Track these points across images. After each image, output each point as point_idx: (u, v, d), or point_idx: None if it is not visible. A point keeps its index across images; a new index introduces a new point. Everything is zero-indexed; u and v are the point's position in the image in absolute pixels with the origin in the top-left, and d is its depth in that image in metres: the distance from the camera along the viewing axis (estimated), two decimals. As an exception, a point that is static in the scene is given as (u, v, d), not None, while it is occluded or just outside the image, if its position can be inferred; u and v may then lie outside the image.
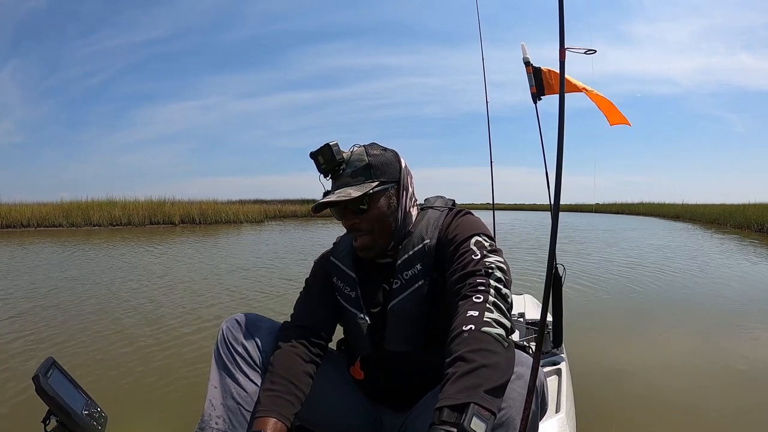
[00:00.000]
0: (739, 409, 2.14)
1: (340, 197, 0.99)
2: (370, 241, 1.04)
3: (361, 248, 1.05)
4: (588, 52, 0.95)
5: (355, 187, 1.00)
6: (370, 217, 1.02)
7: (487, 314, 0.81)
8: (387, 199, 1.04)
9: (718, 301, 4.50)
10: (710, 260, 7.30)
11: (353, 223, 1.03)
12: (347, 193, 0.99)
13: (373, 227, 1.03)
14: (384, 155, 1.05)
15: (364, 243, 1.04)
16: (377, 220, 1.03)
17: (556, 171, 0.85)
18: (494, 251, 0.94)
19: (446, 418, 0.69)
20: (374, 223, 1.03)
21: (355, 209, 1.02)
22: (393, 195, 1.05)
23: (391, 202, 1.04)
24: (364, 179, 1.02)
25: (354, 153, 1.03)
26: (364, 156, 1.03)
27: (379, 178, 1.03)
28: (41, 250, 9.40)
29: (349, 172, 1.02)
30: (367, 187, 1.01)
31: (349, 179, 1.02)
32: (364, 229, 1.03)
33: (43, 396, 0.79)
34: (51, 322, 3.72)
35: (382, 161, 1.04)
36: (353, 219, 1.03)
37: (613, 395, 2.29)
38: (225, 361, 1.00)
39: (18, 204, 16.48)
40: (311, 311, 1.09)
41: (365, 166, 1.02)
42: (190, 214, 17.68)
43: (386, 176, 1.04)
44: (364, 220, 1.02)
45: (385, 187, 1.03)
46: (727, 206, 18.95)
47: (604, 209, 32.64)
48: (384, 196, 1.03)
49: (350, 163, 1.02)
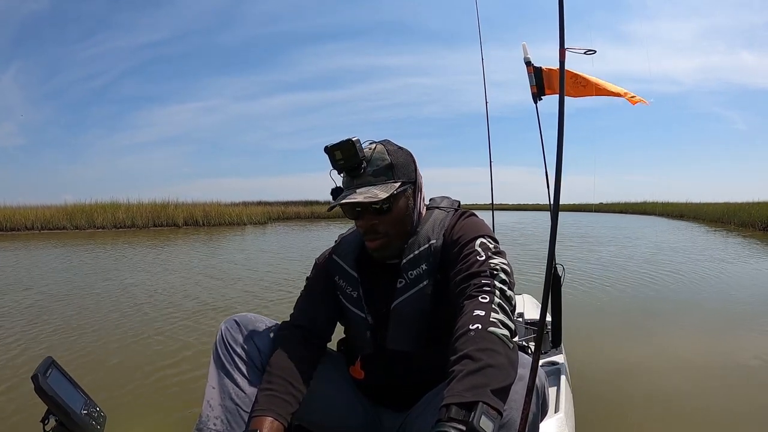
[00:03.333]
0: (740, 409, 2.12)
1: (368, 198, 0.96)
2: (387, 242, 1.02)
3: (377, 249, 1.03)
4: (588, 52, 0.95)
5: (379, 188, 0.98)
6: (390, 218, 1.00)
7: (494, 315, 0.81)
8: (406, 200, 1.03)
9: (719, 300, 4.47)
10: (713, 259, 7.26)
11: (372, 224, 1.01)
12: (374, 193, 0.96)
13: (391, 229, 1.01)
14: (402, 154, 1.04)
15: (381, 244, 1.02)
16: (397, 222, 1.01)
17: (556, 171, 0.84)
18: (498, 253, 0.94)
19: (454, 416, 0.68)
20: (393, 225, 1.01)
21: (376, 210, 0.99)
22: (410, 196, 1.04)
23: (409, 203, 1.04)
24: (386, 179, 0.99)
25: (376, 151, 1.00)
26: (385, 155, 1.00)
27: (400, 179, 1.01)
28: (44, 251, 9.44)
29: (371, 171, 0.99)
30: (391, 187, 0.98)
31: (371, 178, 0.99)
32: (382, 230, 1.01)
33: (42, 395, 0.80)
34: (51, 322, 3.73)
35: (402, 161, 1.03)
36: (372, 220, 1.00)
37: (612, 395, 2.28)
38: (223, 361, 1.00)
39: (22, 207, 16.59)
40: (311, 311, 1.09)
41: (387, 166, 1.00)
42: (194, 216, 17.70)
43: (405, 176, 1.03)
44: (384, 221, 1.00)
45: (404, 188, 1.02)
46: (731, 204, 18.81)
47: (607, 209, 32.50)
48: (403, 196, 1.02)
49: (372, 161, 0.99)
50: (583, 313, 3.92)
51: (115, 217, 16.14)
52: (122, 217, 16.23)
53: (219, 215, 18.48)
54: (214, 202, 20.13)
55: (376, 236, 1.01)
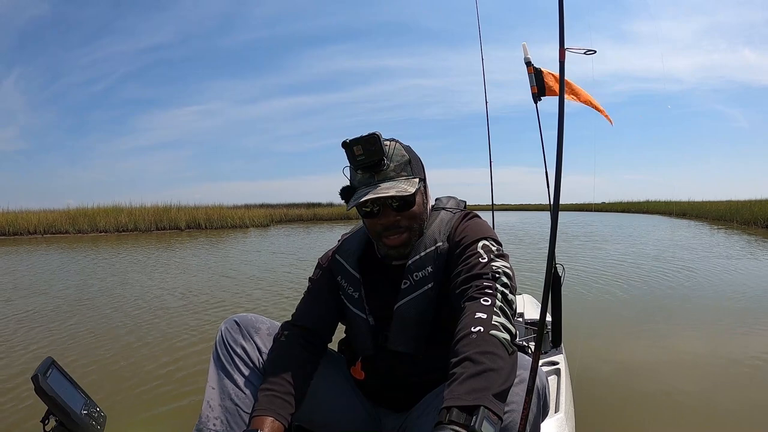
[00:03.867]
0: (741, 409, 2.11)
1: (400, 192, 0.95)
2: (408, 238, 1.02)
3: (399, 245, 1.02)
4: (588, 52, 0.95)
5: (404, 183, 0.98)
6: (411, 213, 1.01)
7: (495, 318, 0.81)
8: (422, 196, 1.04)
9: (720, 299, 4.44)
10: (714, 257, 7.22)
11: (395, 221, 1.00)
12: (402, 188, 0.96)
13: (413, 224, 1.02)
14: (414, 152, 1.05)
15: (402, 240, 1.01)
16: (416, 217, 1.02)
17: (556, 171, 0.85)
18: (501, 256, 0.94)
19: (456, 419, 0.68)
20: (414, 221, 1.02)
21: (399, 206, 0.99)
22: (423, 193, 1.06)
23: (424, 200, 1.05)
24: (407, 175, 1.00)
25: (395, 147, 1.00)
26: (403, 151, 1.01)
27: (418, 175, 1.02)
28: (47, 255, 9.47)
29: (392, 166, 0.99)
30: (414, 183, 0.99)
31: (393, 173, 0.99)
32: (404, 226, 1.01)
33: (42, 396, 0.80)
34: (51, 322, 3.75)
35: (416, 158, 1.04)
36: (394, 216, 1.00)
37: (612, 395, 2.28)
38: (223, 362, 1.00)
39: (25, 211, 16.66)
40: (312, 311, 1.09)
41: (407, 162, 1.01)
42: (196, 219, 17.72)
43: (421, 173, 1.04)
44: (406, 217, 1.00)
45: (421, 185, 1.03)
46: (734, 203, 18.78)
47: (609, 208, 32.46)
48: (420, 193, 1.03)
49: (393, 157, 0.99)
50: (584, 312, 3.91)
51: (117, 220, 16.18)
52: (125, 221, 16.26)
53: (221, 218, 18.49)
54: (216, 205, 20.21)
55: (398, 231, 1.01)
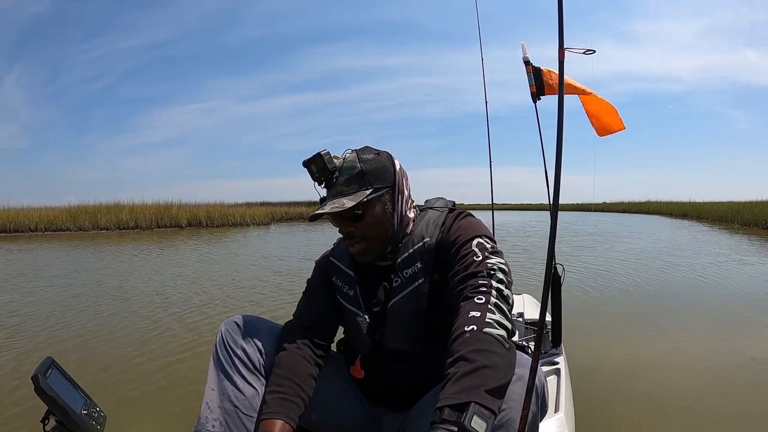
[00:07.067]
0: (742, 409, 2.11)
1: (334, 208, 0.99)
2: (365, 246, 1.05)
3: (357, 254, 1.06)
4: (587, 52, 0.94)
5: (349, 197, 1.01)
6: (365, 224, 1.03)
7: (489, 315, 0.82)
8: (382, 205, 1.04)
9: (721, 300, 4.45)
10: (715, 257, 7.23)
11: (349, 231, 1.04)
12: (341, 203, 1.00)
13: (368, 234, 1.03)
14: (377, 160, 1.05)
15: (360, 249, 1.05)
16: (373, 227, 1.03)
17: (555, 171, 0.84)
18: (495, 253, 0.95)
19: (447, 417, 0.69)
20: (370, 230, 1.03)
21: (350, 217, 1.02)
22: (388, 200, 1.05)
23: (386, 208, 1.05)
24: (358, 187, 1.02)
25: (346, 160, 1.03)
26: (356, 163, 1.03)
27: (373, 185, 1.03)
28: (48, 252, 9.48)
29: (342, 180, 1.02)
30: (360, 195, 1.01)
31: (343, 187, 1.02)
32: (359, 235, 1.04)
33: (42, 395, 0.80)
34: (51, 322, 3.76)
35: (375, 166, 1.04)
36: (349, 226, 1.03)
37: (612, 395, 2.28)
38: (223, 363, 1.00)
39: (26, 208, 16.71)
40: (314, 312, 1.09)
41: (358, 174, 1.02)
42: (197, 217, 17.74)
43: (380, 182, 1.04)
44: (359, 227, 1.03)
45: (379, 194, 1.03)
46: (735, 204, 18.79)
47: (610, 208, 32.44)
48: (379, 202, 1.04)
49: (343, 171, 1.02)
50: (584, 312, 3.91)
51: (118, 218, 16.19)
52: (126, 218, 16.28)
53: (222, 216, 18.50)
54: (217, 203, 20.21)
55: (354, 241, 1.05)
